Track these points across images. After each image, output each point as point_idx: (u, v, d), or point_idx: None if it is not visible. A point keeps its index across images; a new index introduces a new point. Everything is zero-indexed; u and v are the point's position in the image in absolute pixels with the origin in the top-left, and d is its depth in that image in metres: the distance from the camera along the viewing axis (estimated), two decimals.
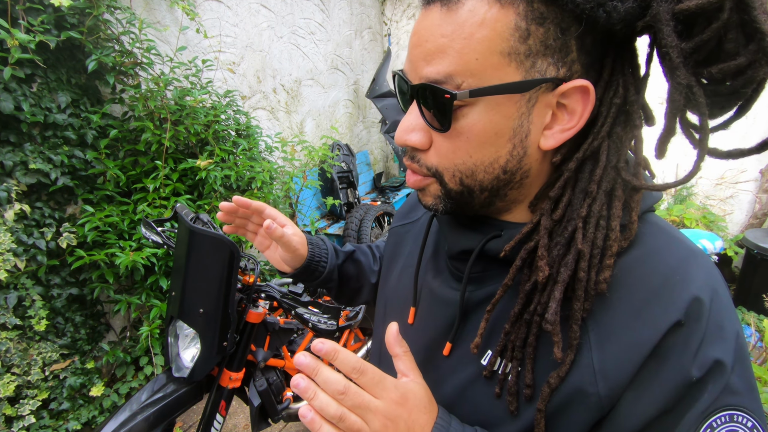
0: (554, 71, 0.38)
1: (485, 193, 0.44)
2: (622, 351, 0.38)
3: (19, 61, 1.45)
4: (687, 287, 0.39)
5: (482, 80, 0.38)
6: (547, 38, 0.37)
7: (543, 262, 0.41)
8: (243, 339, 1.22)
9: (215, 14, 2.49)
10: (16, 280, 1.59)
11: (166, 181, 1.89)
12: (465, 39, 0.38)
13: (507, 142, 0.41)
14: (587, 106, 0.39)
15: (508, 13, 0.37)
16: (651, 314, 0.38)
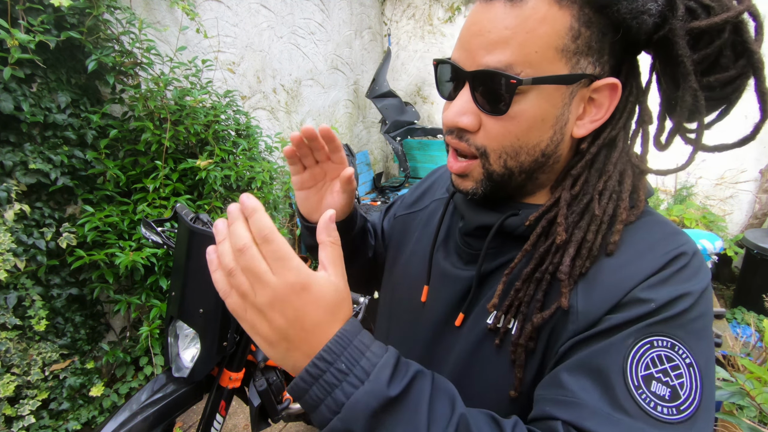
0: (592, 69, 0.45)
1: (522, 176, 0.50)
2: (605, 291, 0.44)
3: (19, 61, 1.45)
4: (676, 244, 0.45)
5: (538, 71, 0.44)
6: (591, 40, 0.44)
7: (561, 228, 0.47)
8: (243, 339, 1.22)
9: (215, 14, 2.49)
10: (16, 280, 1.59)
11: (166, 181, 1.89)
12: (527, 33, 0.43)
13: (550, 128, 0.47)
14: (614, 101, 0.47)
15: (565, 14, 0.43)
16: (641, 262, 0.45)
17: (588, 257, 0.46)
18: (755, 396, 1.13)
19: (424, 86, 4.52)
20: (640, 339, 0.41)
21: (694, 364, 0.40)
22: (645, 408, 0.39)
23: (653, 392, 0.39)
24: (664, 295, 0.42)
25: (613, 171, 0.48)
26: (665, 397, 0.39)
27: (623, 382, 0.40)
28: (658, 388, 0.39)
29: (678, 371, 0.40)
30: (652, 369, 0.40)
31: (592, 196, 0.48)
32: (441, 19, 4.16)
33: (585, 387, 0.41)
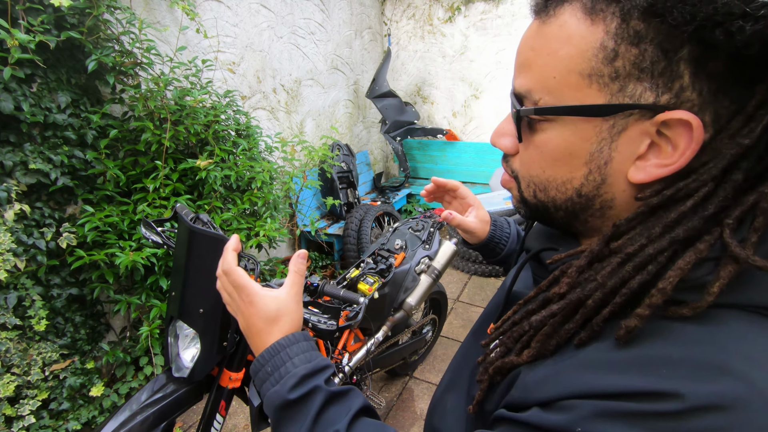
0: (652, 97, 0.34)
1: (560, 212, 0.43)
2: (557, 379, 0.36)
3: (19, 61, 1.45)
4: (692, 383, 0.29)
5: (558, 99, 0.38)
6: (641, 60, 0.33)
7: (565, 280, 0.39)
8: (243, 339, 1.22)
9: (215, 14, 2.49)
10: (16, 280, 1.59)
11: (166, 181, 1.89)
12: (549, 55, 0.37)
13: (582, 165, 0.39)
14: (691, 144, 0.34)
15: (596, 31, 0.35)
16: (618, 373, 0.33)
17: (583, 326, 0.37)
18: None
19: (424, 86, 4.52)
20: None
21: None
22: None
23: None
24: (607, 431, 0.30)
25: (662, 235, 0.35)
26: None
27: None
28: None
29: None
30: None
31: (623, 259, 0.37)
32: (441, 19, 4.16)
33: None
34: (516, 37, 3.82)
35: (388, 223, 3.52)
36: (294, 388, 0.49)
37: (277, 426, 0.50)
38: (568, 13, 0.36)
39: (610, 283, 0.36)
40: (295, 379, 0.49)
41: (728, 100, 0.33)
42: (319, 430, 0.47)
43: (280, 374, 0.51)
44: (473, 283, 3.19)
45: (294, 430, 0.48)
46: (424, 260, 1.68)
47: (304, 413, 0.48)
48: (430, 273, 1.65)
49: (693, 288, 0.34)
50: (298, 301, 0.57)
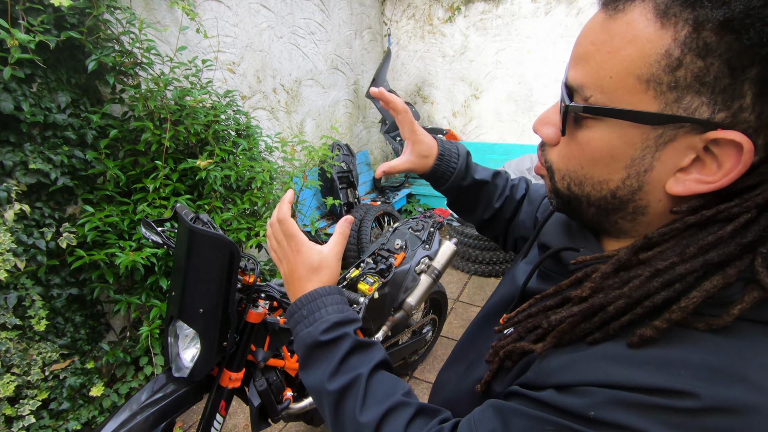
0: (708, 113, 0.33)
1: (592, 209, 0.43)
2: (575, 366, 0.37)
3: (19, 61, 1.45)
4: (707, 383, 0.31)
5: (611, 100, 0.37)
6: (705, 74, 0.32)
7: (588, 284, 0.40)
8: (243, 339, 1.22)
9: (215, 14, 2.49)
10: (16, 280, 1.59)
11: (166, 181, 1.89)
12: (609, 53, 0.36)
13: (622, 168, 0.39)
14: (738, 166, 0.33)
15: (664, 36, 0.33)
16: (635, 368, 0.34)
17: (599, 328, 0.38)
18: None
19: (424, 86, 4.52)
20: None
21: None
22: None
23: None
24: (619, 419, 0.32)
25: (696, 256, 0.35)
26: None
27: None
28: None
29: None
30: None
31: (653, 273, 0.37)
32: (441, 19, 4.16)
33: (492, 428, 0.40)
34: (516, 37, 3.82)
35: (388, 223, 3.52)
36: (326, 332, 0.54)
37: (305, 363, 0.55)
38: (638, 11, 0.35)
39: (635, 294, 0.36)
40: (328, 324, 0.55)
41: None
42: (343, 371, 0.52)
43: (315, 318, 0.56)
44: (473, 283, 3.19)
45: (322, 368, 0.53)
46: (424, 260, 1.68)
47: (332, 355, 0.53)
48: (430, 273, 1.64)
49: (716, 304, 0.34)
50: (339, 259, 0.62)
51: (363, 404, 0.49)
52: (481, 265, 3.24)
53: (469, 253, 3.24)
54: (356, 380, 0.51)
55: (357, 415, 0.48)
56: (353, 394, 0.50)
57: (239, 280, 1.20)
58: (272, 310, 1.38)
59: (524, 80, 3.91)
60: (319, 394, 0.53)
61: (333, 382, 0.51)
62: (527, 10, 3.69)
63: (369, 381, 0.51)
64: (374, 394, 0.50)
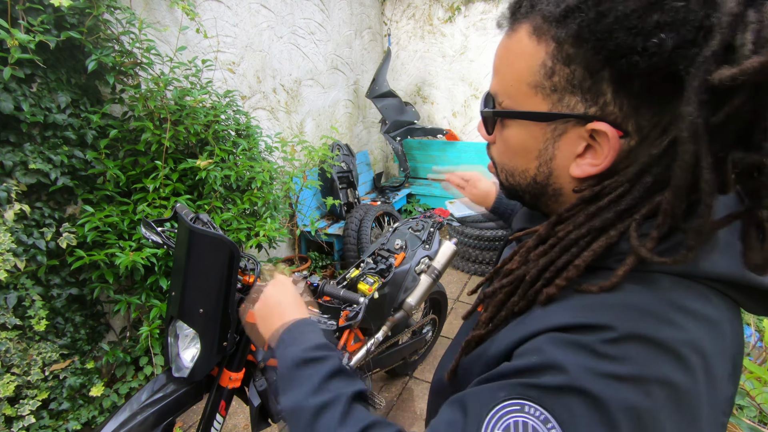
0: (582, 108, 0.40)
1: (527, 195, 0.50)
2: (516, 334, 0.42)
3: (19, 61, 1.45)
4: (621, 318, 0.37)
5: (515, 104, 0.45)
6: (572, 78, 0.40)
7: (517, 258, 0.48)
8: (243, 339, 1.22)
9: (215, 14, 2.49)
10: (16, 280, 1.59)
11: (166, 181, 1.89)
12: (508, 66, 0.45)
13: (534, 159, 0.46)
14: (610, 150, 0.40)
15: (540, 50, 0.41)
16: (556, 312, 0.41)
17: (522, 298, 0.45)
18: (755, 396, 1.13)
19: (424, 86, 4.52)
20: (512, 396, 0.36)
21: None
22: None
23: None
24: (558, 357, 0.36)
25: (584, 223, 0.42)
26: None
27: (476, 428, 0.37)
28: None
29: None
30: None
31: (554, 242, 0.44)
32: (441, 19, 4.16)
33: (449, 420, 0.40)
34: None
35: (388, 223, 3.52)
36: (310, 350, 0.56)
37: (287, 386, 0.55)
38: (523, 30, 0.43)
39: (542, 261, 0.44)
40: (312, 344, 0.58)
41: (650, 113, 0.38)
42: (326, 389, 0.52)
43: (300, 340, 0.59)
44: (473, 283, 3.19)
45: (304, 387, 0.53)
46: (424, 260, 1.68)
47: (316, 373, 0.54)
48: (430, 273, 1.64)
49: (619, 260, 0.40)
50: None
51: (343, 421, 0.47)
52: (481, 265, 3.24)
53: (469, 253, 3.24)
54: (338, 398, 0.50)
55: (335, 427, 0.47)
56: (333, 411, 0.49)
57: (239, 280, 1.20)
58: None
59: None
60: (296, 412, 0.51)
61: (313, 398, 0.50)
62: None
63: (351, 403, 0.50)
64: (355, 414, 0.49)
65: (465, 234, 3.19)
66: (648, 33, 0.34)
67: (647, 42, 0.34)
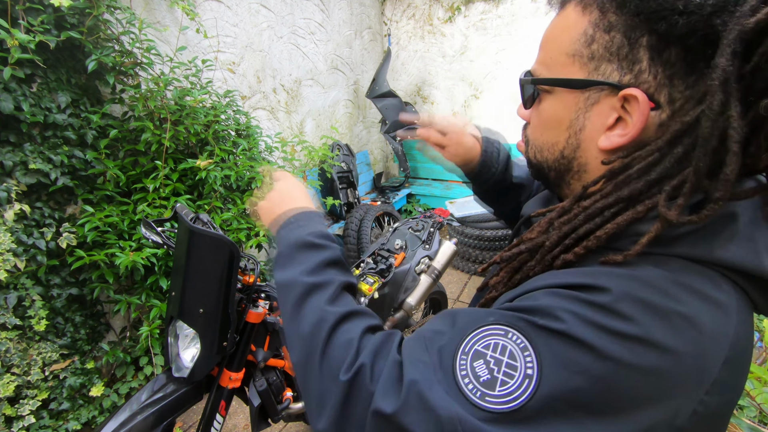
0: (617, 76, 0.41)
1: (552, 173, 0.51)
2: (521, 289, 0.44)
3: (19, 61, 1.45)
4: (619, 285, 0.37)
5: (551, 73, 0.46)
6: (611, 45, 0.41)
7: (536, 228, 0.48)
8: (243, 339, 1.22)
9: (215, 14, 2.49)
10: (16, 280, 1.59)
11: (166, 181, 1.89)
12: (551, 40, 0.47)
13: (564, 130, 0.47)
14: (641, 117, 0.40)
15: (583, 19, 0.43)
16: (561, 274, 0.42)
17: (539, 262, 0.46)
18: (755, 396, 1.13)
19: (424, 86, 4.52)
20: (500, 322, 0.39)
21: (535, 381, 0.35)
22: (455, 371, 0.38)
23: (473, 366, 0.38)
24: (550, 303, 0.38)
25: (614, 195, 0.41)
26: (480, 378, 0.37)
27: (457, 341, 0.40)
28: (480, 368, 0.37)
29: (512, 373, 0.36)
30: (490, 351, 0.38)
31: (579, 211, 0.44)
32: (441, 19, 4.16)
33: (437, 329, 0.43)
34: (516, 37, 3.81)
35: (388, 223, 3.52)
36: (314, 235, 0.58)
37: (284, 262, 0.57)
38: (571, 6, 0.45)
39: (564, 228, 0.44)
40: (318, 231, 0.59)
41: (683, 86, 0.39)
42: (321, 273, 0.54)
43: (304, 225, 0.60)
44: (473, 283, 3.19)
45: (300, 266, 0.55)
46: (424, 260, 1.68)
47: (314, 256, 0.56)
48: (430, 273, 1.65)
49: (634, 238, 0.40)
50: None
51: (332, 301, 0.51)
52: (481, 265, 3.24)
53: (469, 253, 3.24)
54: (330, 283, 0.53)
55: (323, 304, 0.50)
56: (324, 291, 0.52)
57: (239, 280, 1.20)
58: (272, 310, 1.38)
59: None
60: (289, 286, 0.54)
61: (308, 277, 0.53)
62: (527, 10, 3.69)
63: (342, 290, 0.53)
64: (343, 299, 0.52)
65: (465, 234, 3.19)
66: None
67: (687, 1, 0.35)
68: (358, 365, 0.43)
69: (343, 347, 0.45)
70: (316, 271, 0.54)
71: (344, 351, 0.45)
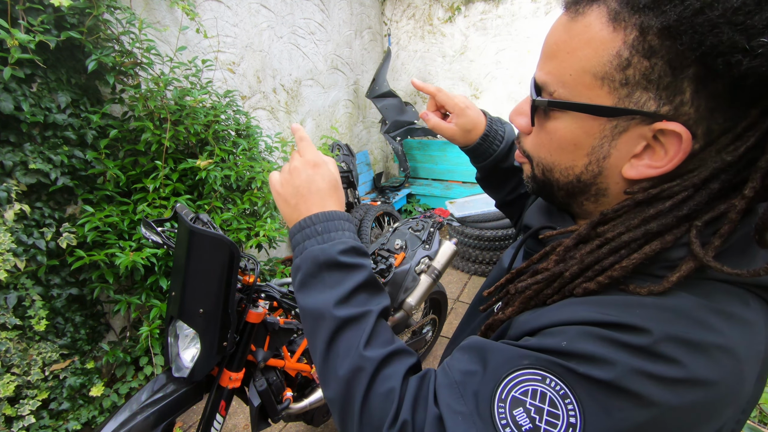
0: (654, 106, 0.37)
1: (561, 192, 0.48)
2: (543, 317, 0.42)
3: (19, 61, 1.45)
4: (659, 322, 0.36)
5: (572, 94, 0.41)
6: (650, 72, 0.36)
7: (554, 257, 0.45)
8: (243, 339, 1.22)
9: (215, 14, 2.49)
10: (16, 280, 1.59)
11: (166, 181, 1.89)
12: (569, 53, 0.40)
13: (584, 155, 0.43)
14: (679, 153, 0.37)
15: (615, 39, 0.37)
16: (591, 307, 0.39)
17: (557, 291, 0.44)
18: None
19: None
20: (536, 366, 0.37)
21: (579, 430, 0.34)
22: (494, 419, 0.37)
23: (512, 415, 0.36)
24: (588, 348, 0.36)
25: (642, 228, 0.40)
26: (522, 427, 0.36)
27: (492, 386, 0.38)
28: (520, 416, 0.36)
29: (555, 422, 0.35)
30: (528, 398, 0.36)
31: (602, 242, 0.42)
32: (441, 19, 4.16)
33: (467, 369, 0.41)
34: (516, 37, 3.82)
35: (388, 223, 3.52)
36: (344, 254, 0.52)
37: (308, 281, 0.52)
38: (594, 14, 0.38)
39: (587, 260, 0.42)
40: (346, 246, 0.52)
41: (722, 118, 0.37)
42: (354, 302, 0.50)
43: (331, 237, 0.53)
44: (473, 283, 3.19)
45: (329, 291, 0.50)
46: (424, 260, 1.68)
47: (345, 280, 0.51)
48: (430, 273, 1.65)
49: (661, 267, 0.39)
50: None
51: (368, 340, 0.47)
52: (481, 265, 3.24)
53: (469, 253, 3.24)
54: (366, 315, 0.49)
55: (360, 347, 0.46)
56: (359, 327, 0.48)
57: (239, 280, 1.20)
58: (272, 310, 1.38)
59: (525, 80, 3.91)
60: (317, 316, 0.50)
61: (341, 309, 0.49)
62: (527, 10, 3.69)
63: (377, 321, 0.50)
64: (380, 335, 0.49)
65: (465, 234, 3.19)
66: (757, 31, 0.31)
67: (754, 41, 0.32)
68: (401, 423, 0.41)
69: (384, 399, 0.44)
70: (349, 299, 0.50)
71: (385, 404, 0.43)
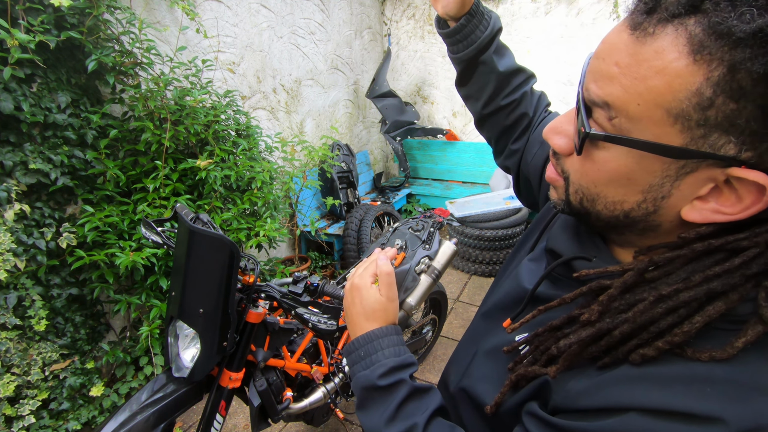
0: (734, 151, 0.32)
1: (601, 223, 0.43)
2: (602, 390, 0.38)
3: (19, 61, 1.45)
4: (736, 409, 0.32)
5: (635, 127, 0.35)
6: (736, 116, 0.31)
7: (596, 307, 0.40)
8: (243, 339, 1.22)
9: (215, 14, 2.49)
10: (16, 280, 1.59)
11: (166, 181, 1.89)
12: (636, 79, 0.34)
13: (638, 192, 0.38)
14: (758, 203, 0.33)
15: (696, 74, 0.31)
16: (660, 389, 0.35)
17: (606, 352, 0.40)
18: None
19: (424, 86, 4.52)
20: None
21: None
22: None
23: None
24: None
25: (705, 287, 0.35)
26: None
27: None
28: None
29: None
30: None
31: (657, 298, 0.37)
32: None
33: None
34: (516, 37, 3.81)
35: (388, 223, 3.52)
36: (383, 376, 0.54)
37: (363, 403, 0.56)
38: (669, 39, 0.32)
39: (640, 319, 0.37)
40: (384, 369, 0.55)
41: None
42: (400, 417, 0.52)
43: (371, 361, 0.56)
44: (473, 283, 3.19)
45: (379, 412, 0.54)
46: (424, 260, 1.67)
47: (389, 400, 0.53)
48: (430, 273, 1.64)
49: (730, 321, 0.35)
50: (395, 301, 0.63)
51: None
52: (481, 265, 3.24)
53: (469, 253, 3.24)
54: (412, 429, 0.51)
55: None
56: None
57: (239, 280, 1.20)
58: (272, 310, 1.38)
59: None
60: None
61: (390, 428, 0.52)
62: (527, 10, 3.69)
63: (427, 426, 0.51)
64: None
65: (465, 234, 3.19)
66: None
67: None
68: None
69: None
70: (395, 417, 0.52)
71: None
